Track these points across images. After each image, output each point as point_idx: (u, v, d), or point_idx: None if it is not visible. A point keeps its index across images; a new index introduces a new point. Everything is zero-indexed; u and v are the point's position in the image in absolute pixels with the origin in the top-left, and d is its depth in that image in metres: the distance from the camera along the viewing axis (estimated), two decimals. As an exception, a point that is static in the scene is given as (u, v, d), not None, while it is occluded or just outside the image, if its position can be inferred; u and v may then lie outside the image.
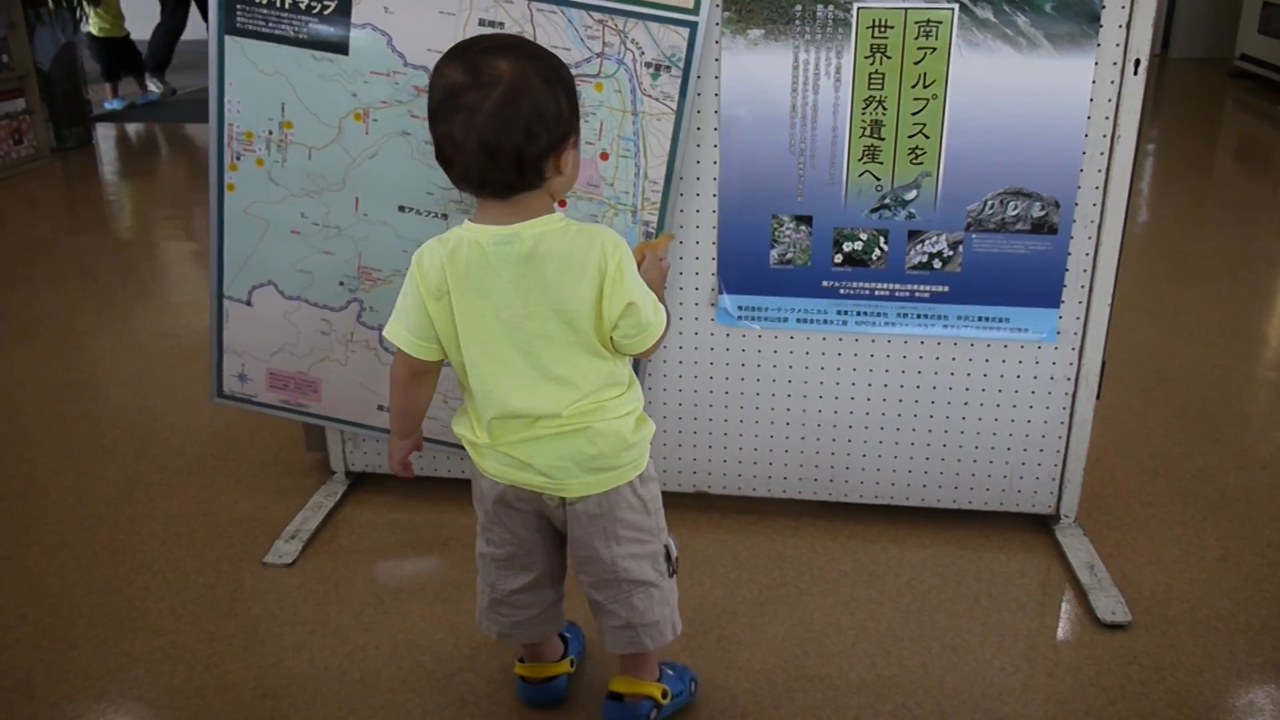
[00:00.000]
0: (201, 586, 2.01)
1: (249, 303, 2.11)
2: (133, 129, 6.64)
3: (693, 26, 1.83)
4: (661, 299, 1.47)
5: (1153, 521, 2.18)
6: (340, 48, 1.92)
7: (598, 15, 1.84)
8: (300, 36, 1.92)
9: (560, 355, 1.40)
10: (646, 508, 1.51)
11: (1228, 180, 5.62)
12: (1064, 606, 1.93)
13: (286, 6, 1.91)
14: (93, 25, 6.65)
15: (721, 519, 2.18)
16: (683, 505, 2.20)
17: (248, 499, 2.29)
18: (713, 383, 2.09)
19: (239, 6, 1.92)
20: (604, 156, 1.92)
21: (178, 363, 3.01)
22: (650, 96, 1.88)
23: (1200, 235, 4.35)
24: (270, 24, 1.93)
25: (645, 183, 1.93)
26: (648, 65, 1.86)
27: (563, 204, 1.89)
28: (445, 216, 1.98)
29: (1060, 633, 1.87)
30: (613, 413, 1.44)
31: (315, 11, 1.91)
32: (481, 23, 1.87)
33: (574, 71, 1.83)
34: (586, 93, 1.87)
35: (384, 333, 1.48)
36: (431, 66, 1.44)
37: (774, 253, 1.99)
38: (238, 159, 2.00)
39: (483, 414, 1.44)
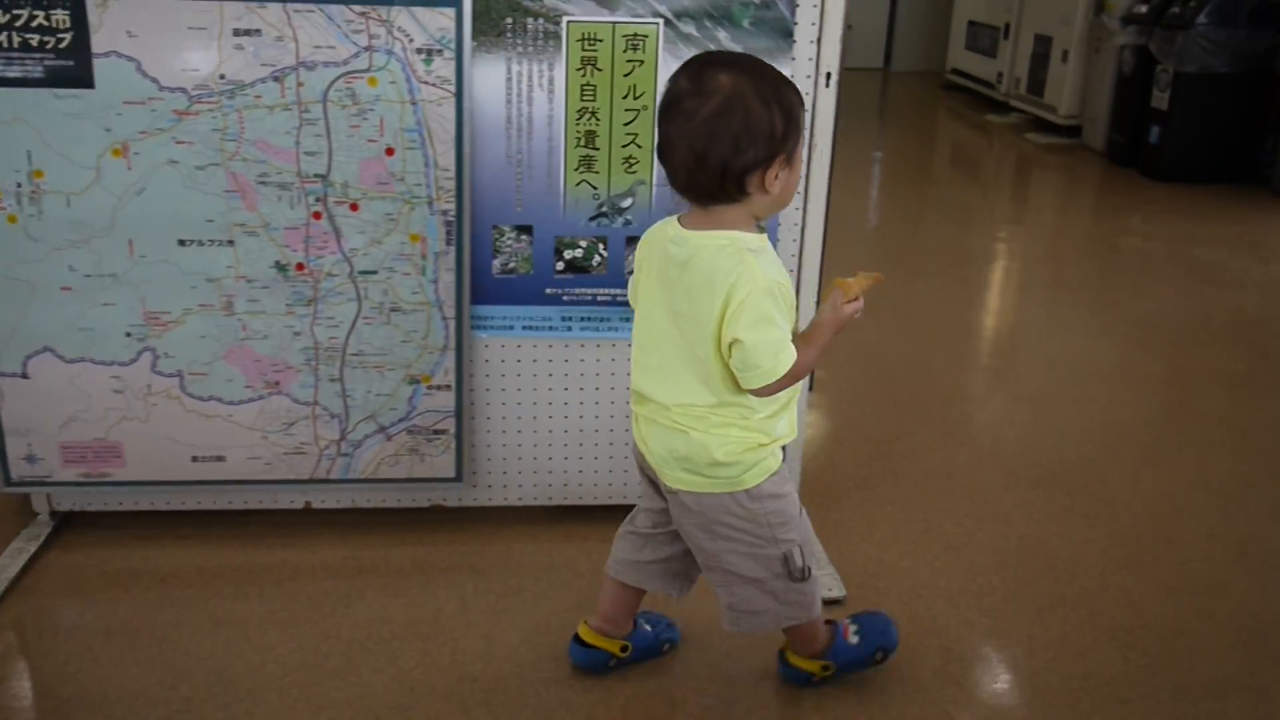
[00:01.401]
0: (-118, 646, 1.82)
1: (25, 375, 1.94)
2: None
3: (457, 5, 1.81)
4: (821, 344, 1.49)
5: (866, 502, 2.34)
6: (84, 81, 1.79)
7: (359, 8, 1.80)
8: (36, 76, 1.78)
9: (674, 357, 1.49)
10: (755, 519, 1.54)
11: (945, 184, 6.10)
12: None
13: (15, 46, 1.76)
14: None
15: (457, 531, 2.18)
16: (419, 520, 2.18)
17: (-60, 546, 2.10)
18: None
19: (-42, 55, 1.76)
20: (389, 151, 1.88)
21: None
22: (427, 83, 1.85)
23: (921, 235, 4.71)
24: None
25: (437, 171, 1.90)
26: (419, 52, 1.83)
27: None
28: (232, 243, 1.89)
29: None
30: (711, 427, 1.49)
31: (50, 47, 1.77)
32: (236, 32, 1.79)
33: (344, 69, 1.82)
34: (361, 89, 1.83)
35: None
36: (189, 87, 1.67)
37: (496, 262, 2.00)
38: (-11, 221, 1.84)
39: (631, 379, 1.58)
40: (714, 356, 1.45)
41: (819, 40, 1.91)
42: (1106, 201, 5.44)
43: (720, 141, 1.36)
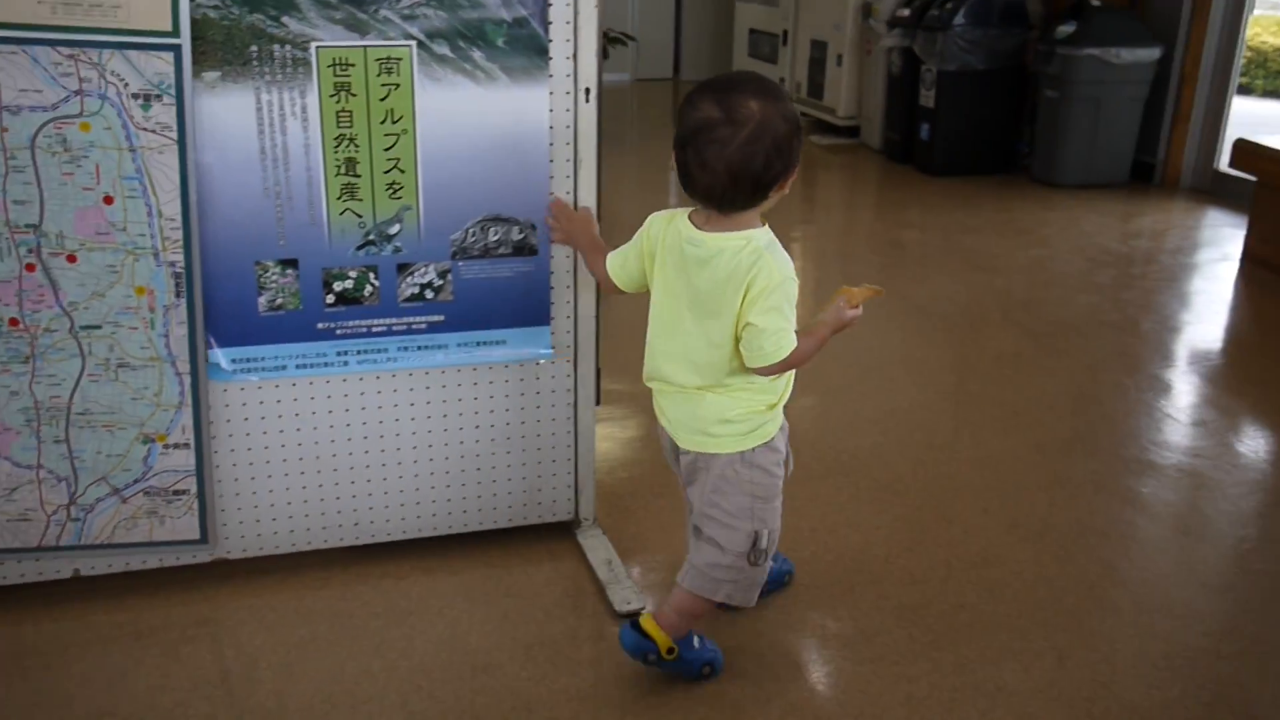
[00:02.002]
0: None
1: None
2: None
3: (176, 50, 1.72)
4: (819, 339, 1.69)
5: (664, 510, 2.36)
6: None
7: (67, 50, 1.69)
8: None
9: (694, 342, 1.67)
10: (743, 486, 1.71)
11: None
12: (585, 606, 2.04)
13: None
14: None
15: (244, 583, 2.08)
16: (200, 577, 2.07)
17: None
18: (216, 442, 1.98)
19: None
20: (108, 200, 1.77)
21: None
22: (145, 129, 1.75)
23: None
24: None
25: (162, 221, 1.80)
26: (135, 96, 1.73)
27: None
28: None
29: (583, 632, 1.97)
30: (728, 393, 1.69)
31: None
32: None
33: (53, 114, 1.72)
34: (72, 135, 1.72)
35: (609, 256, 1.79)
36: None
37: (262, 300, 1.92)
38: None
39: (645, 363, 1.76)
40: (731, 342, 1.65)
41: (575, 56, 1.91)
42: (886, 197, 5.70)
43: (755, 161, 1.55)
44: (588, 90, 1.96)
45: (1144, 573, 2.16)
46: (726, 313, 1.62)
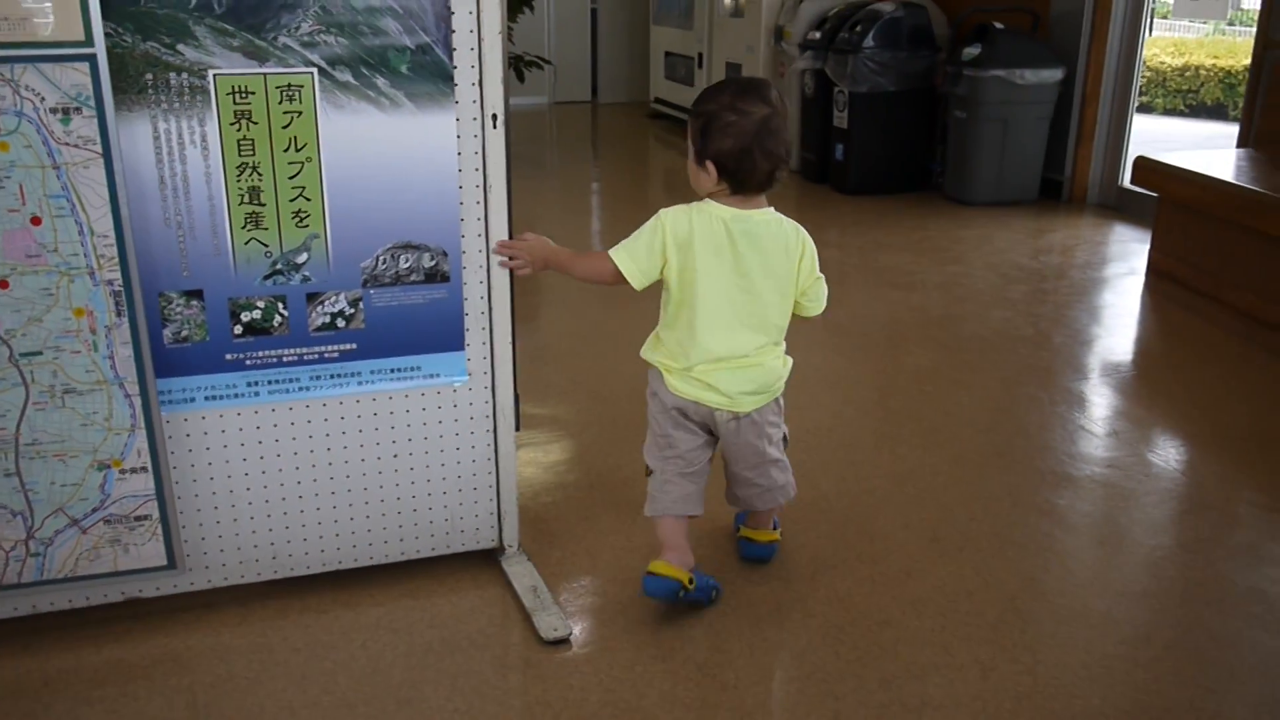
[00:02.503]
0: None
1: None
2: None
3: (91, 60, 1.67)
4: None
5: (589, 534, 2.34)
6: None
7: None
8: None
9: (746, 314, 1.95)
10: (780, 411, 2.08)
11: (655, 209, 6.27)
12: (512, 634, 2.01)
13: None
14: None
15: (160, 623, 2.01)
16: (114, 617, 2.00)
17: None
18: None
19: None
20: (35, 221, 1.72)
21: None
22: (68, 144, 1.70)
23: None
24: None
25: (94, 239, 1.74)
26: (54, 111, 1.68)
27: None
28: None
29: (508, 661, 1.94)
30: (776, 356, 2.02)
31: None
32: None
33: None
34: None
35: (613, 255, 1.95)
36: None
37: (168, 332, 1.87)
38: None
39: (686, 346, 1.96)
40: (787, 301, 1.99)
41: (480, 83, 1.90)
42: (805, 217, 5.67)
43: (787, 140, 1.93)
44: (494, 116, 1.94)
45: (1062, 583, 2.20)
46: (785, 274, 1.96)
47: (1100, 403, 3.18)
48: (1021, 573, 2.22)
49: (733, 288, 1.92)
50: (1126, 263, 4.67)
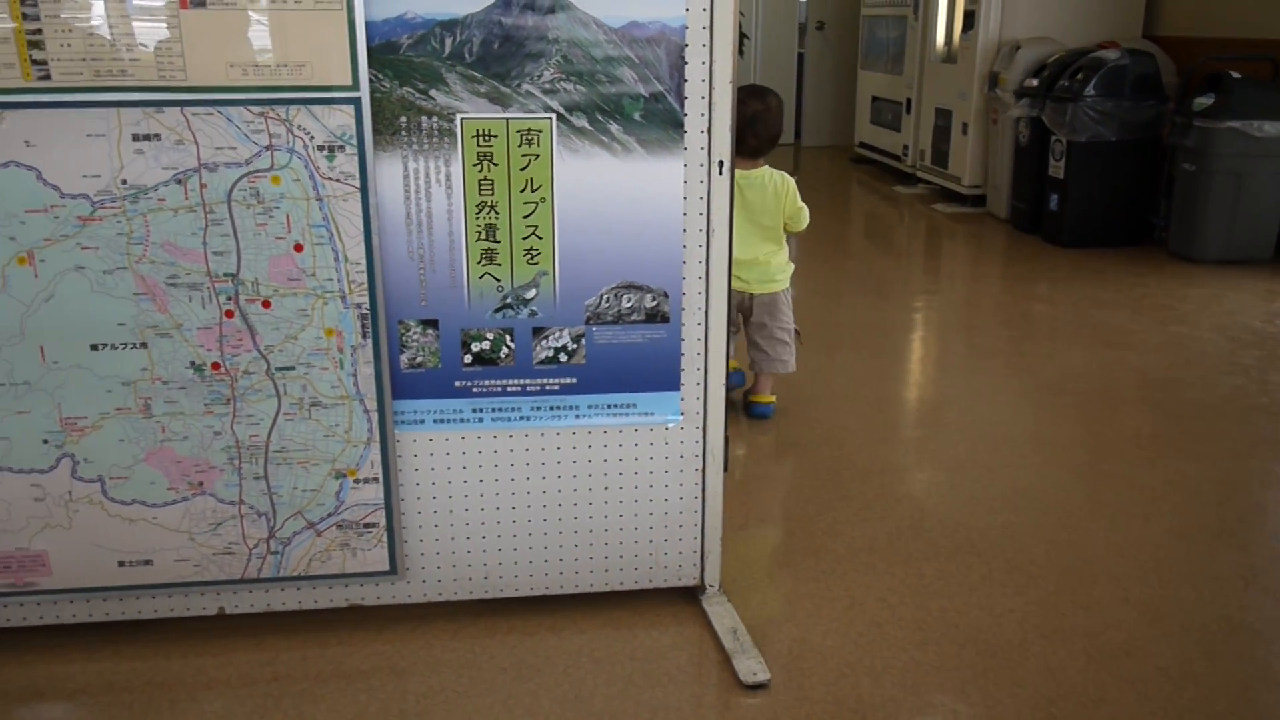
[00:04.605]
0: None
1: None
2: None
3: (356, 103, 1.82)
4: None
5: (789, 580, 2.33)
6: None
7: (257, 109, 1.80)
8: None
9: (754, 238, 3.14)
10: (789, 305, 3.26)
11: (858, 255, 6.23)
12: (710, 674, 2.02)
13: None
14: None
15: (379, 630, 2.13)
16: (337, 621, 2.13)
17: None
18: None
19: None
20: (298, 248, 1.88)
21: None
22: (331, 179, 1.85)
23: (837, 307, 4.79)
24: (-101, 182, 1.75)
25: (347, 265, 1.89)
26: (320, 148, 1.83)
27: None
28: (145, 345, 1.88)
29: (706, 701, 1.95)
30: (776, 258, 3.21)
31: None
32: (135, 137, 1.78)
33: (246, 169, 1.83)
34: (265, 187, 1.83)
35: None
36: (91, 193, 1.79)
37: (404, 357, 1.99)
38: (-105, 338, 1.80)
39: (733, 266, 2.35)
40: (779, 226, 3.18)
41: (709, 130, 1.95)
42: (1013, 269, 5.60)
43: (777, 129, 3.14)
44: (721, 163, 1.98)
45: (1299, 672, 2.04)
46: (775, 208, 3.15)
47: (1344, 481, 2.94)
48: (1255, 661, 2.07)
49: (743, 219, 3.00)
50: (1375, 331, 4.32)
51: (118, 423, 1.93)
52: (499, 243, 1.95)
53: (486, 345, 2.00)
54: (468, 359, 2.01)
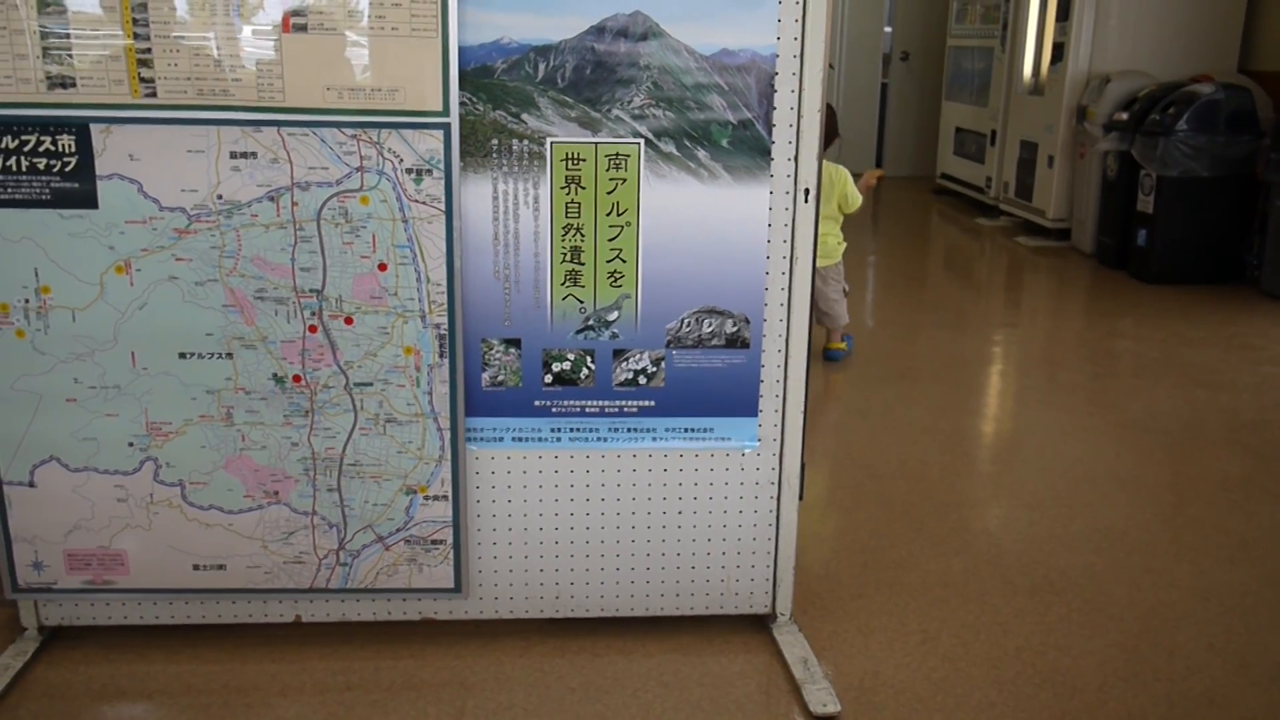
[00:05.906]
0: None
1: (32, 484, 1.99)
2: None
3: (445, 128, 1.86)
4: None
5: (861, 612, 2.31)
6: (88, 202, 1.86)
7: (350, 131, 1.85)
8: (43, 197, 1.85)
9: (826, 212, 3.54)
10: (840, 273, 4.05)
11: (938, 287, 6.16)
12: (780, 703, 2.01)
13: (24, 170, 1.83)
14: None
15: (450, 645, 2.15)
16: (410, 633, 2.16)
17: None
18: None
19: (-30, 179, 1.83)
20: (382, 267, 1.93)
21: None
22: (417, 201, 1.90)
23: (916, 339, 4.74)
24: (8, 189, 1.84)
25: (428, 286, 1.94)
26: (409, 171, 1.88)
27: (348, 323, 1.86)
28: (230, 355, 1.94)
29: (776, 730, 1.94)
30: (832, 236, 3.93)
31: (56, 170, 1.84)
32: (233, 155, 1.85)
33: (336, 189, 1.88)
34: (353, 207, 1.88)
35: None
36: (188, 207, 1.86)
37: (485, 375, 2.02)
38: (-5, 336, 1.89)
39: None
40: (834, 208, 3.86)
41: (796, 158, 1.95)
42: (1097, 304, 5.49)
43: (833, 128, 3.37)
44: (807, 191, 1.99)
45: (1395, 730, 1.96)
46: (830, 194, 3.80)
47: None
48: (1347, 715, 2.00)
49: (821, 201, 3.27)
50: None
51: (200, 429, 1.99)
52: (583, 265, 1.98)
53: (568, 366, 2.03)
54: (548, 379, 2.03)
